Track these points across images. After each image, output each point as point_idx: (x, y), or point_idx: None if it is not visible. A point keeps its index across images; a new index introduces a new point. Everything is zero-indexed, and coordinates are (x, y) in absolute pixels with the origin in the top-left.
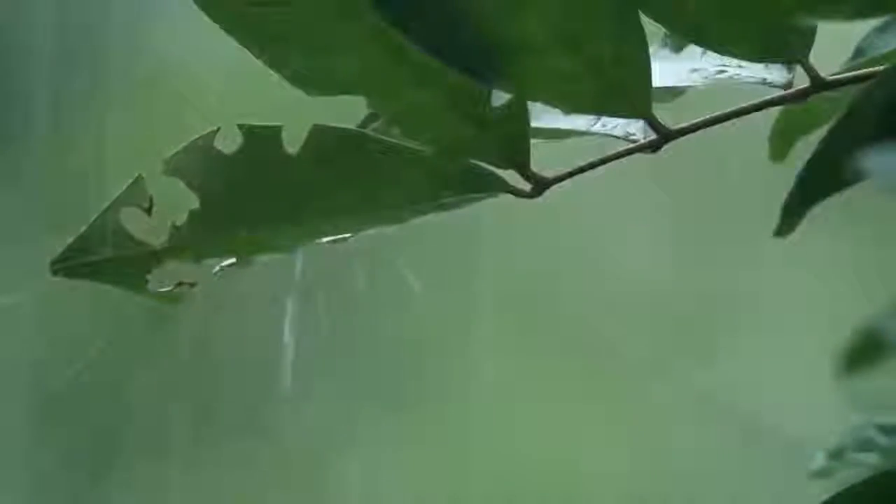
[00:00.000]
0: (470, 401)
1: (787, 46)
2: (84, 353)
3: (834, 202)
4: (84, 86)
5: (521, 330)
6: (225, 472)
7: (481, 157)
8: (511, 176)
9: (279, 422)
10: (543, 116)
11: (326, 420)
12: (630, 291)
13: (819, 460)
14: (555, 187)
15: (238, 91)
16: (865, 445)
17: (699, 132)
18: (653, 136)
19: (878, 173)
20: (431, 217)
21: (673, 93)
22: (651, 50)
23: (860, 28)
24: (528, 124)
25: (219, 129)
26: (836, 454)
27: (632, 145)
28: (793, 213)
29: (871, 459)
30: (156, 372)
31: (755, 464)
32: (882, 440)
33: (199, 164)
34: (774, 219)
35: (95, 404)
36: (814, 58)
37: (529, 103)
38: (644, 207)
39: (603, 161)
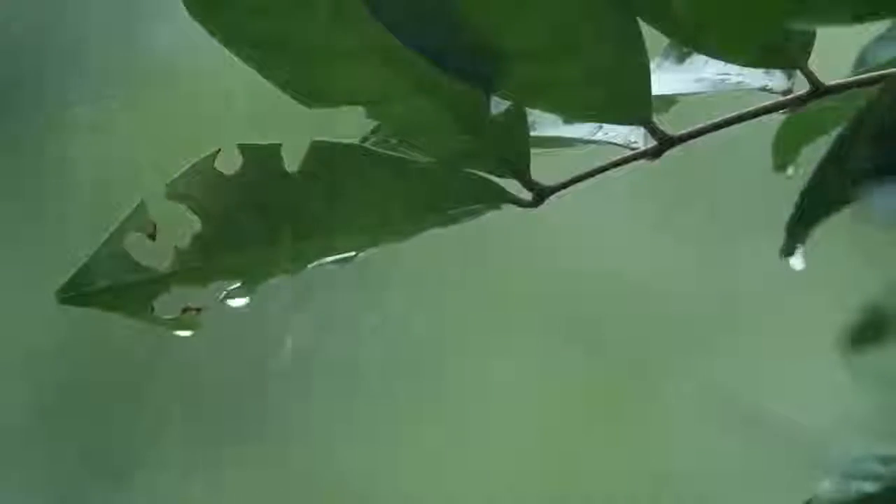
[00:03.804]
0: (469, 400)
1: (787, 53)
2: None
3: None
4: (86, 86)
5: (523, 331)
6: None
7: (481, 167)
8: (511, 185)
9: (279, 419)
10: (544, 125)
11: (326, 419)
12: (633, 292)
13: (823, 489)
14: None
15: (243, 93)
16: (867, 475)
17: (700, 138)
18: (653, 143)
19: (879, 210)
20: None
21: (674, 100)
22: (652, 58)
23: (860, 34)
24: (528, 133)
25: (219, 150)
26: (839, 483)
27: (633, 152)
28: (797, 232)
29: (872, 489)
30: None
31: (757, 461)
32: (882, 470)
33: (201, 186)
34: (774, 220)
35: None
36: (815, 65)
37: (530, 113)
38: (646, 209)
39: (604, 168)
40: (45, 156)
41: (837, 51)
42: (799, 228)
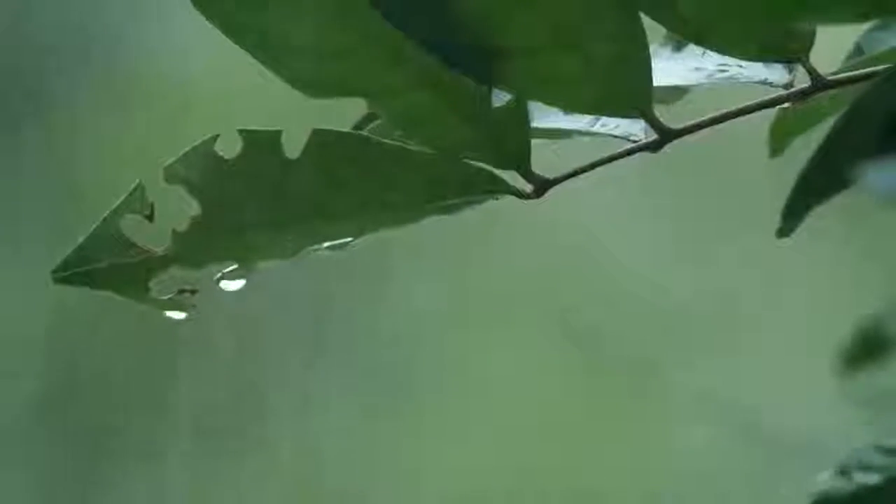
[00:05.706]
0: (468, 398)
1: (788, 46)
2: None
3: (835, 202)
4: (82, 85)
5: (521, 327)
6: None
7: (482, 159)
8: (512, 177)
9: (278, 415)
10: (544, 117)
11: (324, 417)
12: (631, 290)
13: (824, 480)
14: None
15: (239, 90)
16: (868, 467)
17: (699, 132)
18: (653, 135)
19: (876, 188)
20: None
21: (674, 93)
22: (652, 50)
23: (861, 26)
24: (529, 125)
25: (218, 135)
26: (840, 475)
27: (633, 145)
28: (794, 215)
29: (873, 480)
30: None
31: (755, 461)
32: (883, 462)
33: (200, 170)
34: (774, 218)
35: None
36: (814, 55)
37: (530, 104)
38: (645, 206)
39: (604, 161)
40: (42, 156)
41: (831, 40)
42: (797, 209)
